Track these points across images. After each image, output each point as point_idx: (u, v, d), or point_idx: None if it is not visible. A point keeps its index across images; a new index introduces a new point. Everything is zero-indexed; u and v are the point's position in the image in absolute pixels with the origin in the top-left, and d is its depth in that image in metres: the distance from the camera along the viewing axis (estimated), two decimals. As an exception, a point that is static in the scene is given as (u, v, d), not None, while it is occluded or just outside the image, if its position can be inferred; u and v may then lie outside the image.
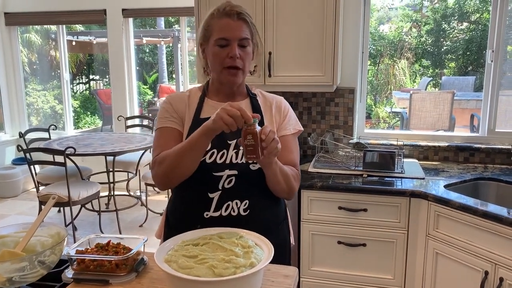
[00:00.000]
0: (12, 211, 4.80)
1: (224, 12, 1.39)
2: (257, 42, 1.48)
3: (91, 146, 4.13)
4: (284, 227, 1.59)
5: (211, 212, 1.40)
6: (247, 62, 1.43)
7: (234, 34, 1.38)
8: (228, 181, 1.40)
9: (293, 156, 1.52)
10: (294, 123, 1.56)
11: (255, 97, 1.54)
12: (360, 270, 2.36)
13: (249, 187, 1.42)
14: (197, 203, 1.42)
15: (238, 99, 1.51)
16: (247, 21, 1.41)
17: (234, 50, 1.38)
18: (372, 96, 9.61)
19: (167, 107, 1.49)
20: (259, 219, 1.43)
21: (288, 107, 1.57)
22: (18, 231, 1.30)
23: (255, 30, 1.46)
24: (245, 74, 1.45)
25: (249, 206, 1.42)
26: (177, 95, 1.54)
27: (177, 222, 1.48)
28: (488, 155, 2.73)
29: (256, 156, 1.22)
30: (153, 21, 11.17)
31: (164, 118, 1.47)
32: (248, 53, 1.43)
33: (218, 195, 1.40)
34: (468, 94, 7.01)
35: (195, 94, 1.53)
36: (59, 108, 8.18)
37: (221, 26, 1.39)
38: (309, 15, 2.48)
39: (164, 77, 11.29)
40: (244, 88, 1.54)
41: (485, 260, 1.93)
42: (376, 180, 2.39)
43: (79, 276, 1.21)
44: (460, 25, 9.49)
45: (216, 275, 1.04)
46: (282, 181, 1.41)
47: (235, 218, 1.40)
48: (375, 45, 9.64)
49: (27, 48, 8.77)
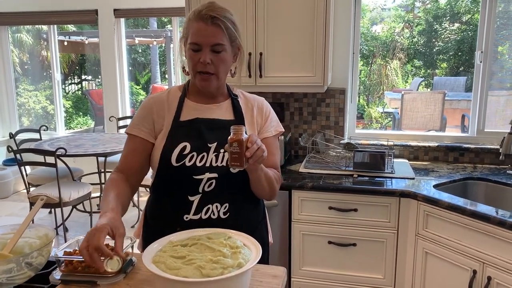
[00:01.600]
0: (2, 212, 4.76)
1: (200, 16, 1.36)
2: (238, 44, 1.45)
3: (83, 146, 4.11)
4: (263, 227, 1.59)
5: (190, 215, 1.40)
6: (221, 67, 1.40)
7: (205, 40, 1.35)
8: (208, 184, 1.39)
9: (274, 159, 1.53)
10: (275, 125, 1.56)
11: (236, 98, 1.53)
12: (351, 270, 2.37)
13: (229, 190, 1.42)
14: (177, 206, 1.41)
15: (219, 100, 1.50)
16: (222, 27, 1.37)
17: (205, 57, 1.36)
18: (364, 96, 9.65)
19: (146, 113, 1.47)
20: (239, 222, 1.43)
21: (269, 109, 1.57)
22: (5, 232, 1.29)
23: (235, 34, 1.42)
24: (220, 78, 1.43)
25: (229, 209, 1.42)
26: (157, 97, 1.51)
27: (156, 223, 1.47)
28: (477, 155, 2.75)
29: (240, 164, 1.23)
30: (146, 21, 11.14)
31: (137, 124, 1.46)
32: (222, 59, 1.39)
33: (198, 199, 1.40)
34: (459, 94, 7.06)
35: (175, 94, 1.50)
36: (51, 108, 8.13)
37: (194, 30, 1.37)
38: (299, 16, 2.49)
39: (157, 77, 11.26)
40: (224, 89, 1.53)
41: (474, 259, 1.94)
42: (366, 180, 2.41)
43: (67, 278, 1.21)
44: (451, 26, 9.56)
45: (203, 276, 1.05)
46: (266, 185, 1.42)
47: (215, 221, 1.40)
48: (368, 45, 9.68)
49: (18, 48, 8.71)
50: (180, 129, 1.42)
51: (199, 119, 1.44)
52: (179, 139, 1.41)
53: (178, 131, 1.42)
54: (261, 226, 1.58)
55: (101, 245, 1.08)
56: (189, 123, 1.43)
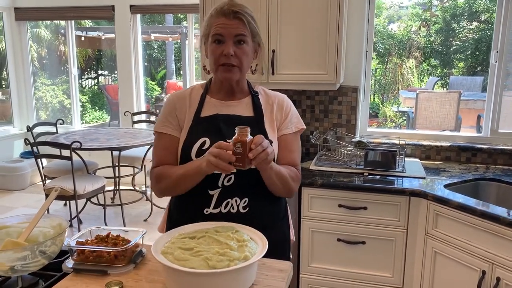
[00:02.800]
0: (19, 203, 4.87)
1: (222, 11, 1.41)
2: (260, 41, 1.48)
3: (97, 140, 4.18)
4: (284, 224, 1.60)
5: (210, 208, 1.43)
6: (244, 59, 1.43)
7: (228, 31, 1.39)
8: (227, 179, 1.42)
9: (294, 156, 1.53)
10: (296, 122, 1.56)
11: (256, 95, 1.54)
12: (359, 268, 2.38)
13: (249, 185, 1.44)
14: (197, 199, 1.44)
15: (239, 97, 1.52)
16: (244, 20, 1.41)
17: (228, 48, 1.39)
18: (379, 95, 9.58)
19: (169, 109, 1.52)
20: (258, 217, 1.45)
21: (290, 105, 1.58)
22: (21, 221, 1.34)
23: (256, 29, 1.46)
24: (242, 71, 1.45)
25: (249, 203, 1.44)
26: (179, 94, 1.56)
27: (179, 217, 1.50)
28: (490, 155, 2.73)
29: (243, 165, 1.25)
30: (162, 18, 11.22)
31: (163, 121, 1.51)
32: (245, 51, 1.42)
33: (218, 192, 1.42)
34: (475, 94, 6.96)
35: (197, 91, 1.55)
36: (68, 102, 8.25)
37: (217, 24, 1.40)
38: (313, 13, 2.49)
39: (172, 73, 11.34)
40: (245, 85, 1.55)
41: (483, 260, 1.94)
42: (377, 179, 2.41)
43: (79, 267, 1.24)
44: (469, 25, 9.43)
45: (210, 267, 1.07)
46: (279, 183, 1.43)
47: (234, 215, 1.42)
48: (384, 43, 9.60)
49: (36, 43, 8.86)
50: (200, 125, 1.46)
51: (218, 115, 1.47)
52: (199, 134, 1.44)
53: (198, 127, 1.46)
54: (283, 223, 1.59)
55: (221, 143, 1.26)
56: (209, 119, 1.47)
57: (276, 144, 1.50)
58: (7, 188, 5.27)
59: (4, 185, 5.28)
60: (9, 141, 5.66)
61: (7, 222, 1.33)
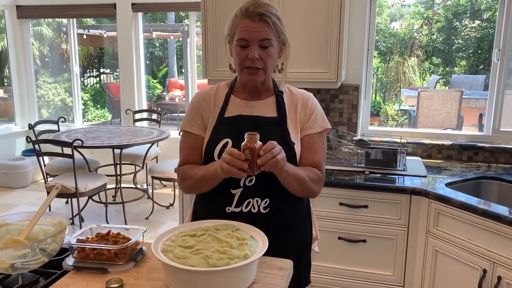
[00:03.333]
0: (21, 201, 4.88)
1: (247, 13, 1.39)
2: (284, 40, 1.47)
3: (99, 138, 4.18)
4: (307, 224, 1.59)
5: (232, 207, 1.43)
6: (269, 62, 1.42)
7: (253, 35, 1.38)
8: (249, 180, 1.42)
9: (317, 157, 1.51)
10: (320, 121, 1.53)
11: (281, 94, 1.52)
12: (360, 266, 2.38)
13: (270, 186, 1.42)
14: (220, 198, 1.45)
15: (264, 97, 1.51)
16: (269, 22, 1.39)
17: (253, 53, 1.38)
18: (381, 93, 9.57)
19: (195, 108, 1.53)
20: (279, 217, 1.45)
21: (315, 104, 1.55)
22: (22, 219, 1.34)
23: (282, 29, 1.44)
24: (267, 73, 1.45)
25: (270, 204, 1.43)
26: (204, 93, 1.56)
27: (202, 214, 1.51)
28: (492, 154, 2.72)
29: (251, 170, 1.26)
30: (164, 16, 11.23)
31: (189, 120, 1.53)
32: (270, 54, 1.41)
33: (240, 192, 1.43)
34: (477, 92, 6.95)
35: (222, 90, 1.55)
36: (69, 101, 8.26)
37: (242, 27, 1.39)
38: (314, 11, 2.49)
39: (174, 72, 11.35)
40: (270, 85, 1.53)
41: (484, 259, 1.93)
42: (378, 177, 2.40)
43: (79, 264, 1.24)
44: (472, 23, 9.40)
45: (210, 266, 1.07)
46: (297, 186, 1.42)
47: (255, 215, 1.42)
48: (386, 42, 9.58)
49: (38, 41, 8.87)
50: (223, 126, 1.46)
51: (241, 116, 1.47)
52: (221, 135, 1.45)
53: (221, 127, 1.46)
54: (305, 223, 1.58)
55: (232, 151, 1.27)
56: (232, 120, 1.47)
57: (298, 145, 1.48)
58: (9, 186, 5.29)
59: (6, 183, 5.29)
60: (11, 139, 5.67)
61: (8, 219, 1.33)
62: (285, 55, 1.51)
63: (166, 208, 4.65)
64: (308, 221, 1.60)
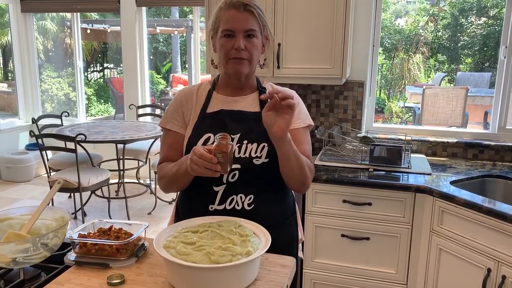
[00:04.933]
0: (25, 195, 4.89)
1: (232, 4, 1.39)
2: (268, 35, 1.47)
3: (102, 133, 4.18)
4: (292, 223, 1.57)
5: (215, 205, 1.41)
6: (254, 53, 1.41)
7: (239, 25, 1.37)
8: (232, 175, 1.40)
9: (304, 148, 1.48)
10: (304, 118, 1.52)
11: (264, 91, 1.50)
12: (363, 264, 2.37)
13: (254, 182, 1.41)
14: (202, 196, 1.43)
15: (247, 93, 1.50)
16: (254, 13, 1.39)
17: (239, 42, 1.37)
18: (385, 90, 9.52)
19: (175, 106, 1.52)
20: (264, 214, 1.41)
21: (298, 101, 1.53)
22: (24, 213, 1.33)
23: (265, 22, 1.44)
24: (252, 65, 1.43)
25: (254, 200, 1.41)
26: (186, 90, 1.55)
27: (185, 214, 1.49)
28: (497, 152, 2.70)
29: (224, 171, 1.24)
30: (168, 11, 11.20)
31: (169, 117, 1.51)
32: (255, 44, 1.41)
33: (223, 189, 1.40)
34: (482, 90, 6.90)
35: (205, 87, 1.53)
36: (73, 95, 8.27)
37: (227, 18, 1.39)
38: (319, 6, 2.47)
39: (177, 67, 11.33)
40: (253, 81, 1.53)
41: (488, 258, 1.92)
42: (382, 174, 2.39)
43: (81, 259, 1.24)
44: (478, 20, 9.33)
45: (212, 262, 1.06)
46: (296, 166, 1.37)
47: (239, 212, 1.39)
48: (391, 39, 9.53)
49: (42, 35, 8.87)
50: (205, 121, 1.45)
51: (223, 111, 1.45)
52: (203, 130, 1.43)
53: (204, 123, 1.45)
54: (290, 222, 1.55)
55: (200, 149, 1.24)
56: (214, 115, 1.45)
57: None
58: (13, 179, 5.30)
59: (10, 176, 5.31)
60: (15, 133, 5.68)
61: (10, 213, 1.33)
62: (268, 50, 1.51)
63: (169, 204, 4.65)
64: (293, 220, 1.58)
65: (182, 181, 1.42)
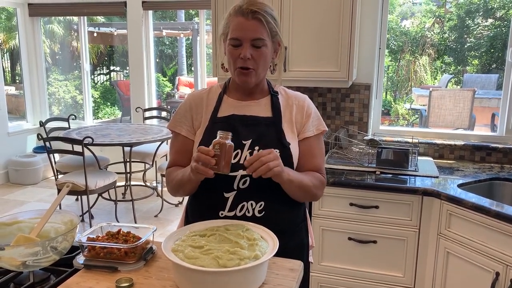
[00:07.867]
0: (32, 198, 4.93)
1: (240, 11, 1.37)
2: (280, 40, 1.45)
3: (109, 136, 4.20)
4: (302, 230, 1.56)
5: (225, 211, 1.40)
6: (261, 62, 1.39)
7: (246, 34, 1.35)
8: (242, 182, 1.39)
9: (316, 161, 1.48)
10: (317, 123, 1.51)
11: (276, 95, 1.50)
12: (370, 267, 2.36)
13: (264, 189, 1.40)
14: (213, 202, 1.42)
15: (258, 97, 1.49)
16: (263, 21, 1.36)
17: (245, 52, 1.35)
18: (392, 92, 9.49)
19: (184, 109, 1.51)
20: (275, 221, 1.40)
21: (311, 107, 1.52)
22: (33, 217, 1.34)
23: (276, 28, 1.41)
24: (258, 74, 1.42)
25: (265, 207, 1.40)
26: (196, 94, 1.54)
27: (194, 219, 1.48)
28: (505, 155, 2.68)
29: (218, 168, 1.24)
30: (174, 14, 11.24)
31: (178, 121, 1.51)
32: (263, 53, 1.38)
33: (233, 195, 1.39)
34: (489, 92, 6.86)
35: (215, 91, 1.52)
36: (80, 98, 8.33)
37: (234, 25, 1.37)
38: (325, 9, 2.47)
39: (183, 70, 11.37)
40: (265, 85, 1.51)
41: (497, 261, 1.90)
42: (389, 177, 2.38)
43: (89, 263, 1.24)
44: (484, 22, 9.28)
45: (220, 266, 1.06)
46: (301, 193, 1.41)
47: (249, 218, 1.38)
48: (397, 40, 9.50)
49: (49, 39, 8.94)
50: (216, 126, 1.42)
51: (235, 116, 1.44)
52: (214, 135, 1.42)
53: (215, 128, 1.42)
54: (300, 229, 1.54)
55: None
56: (225, 120, 1.44)
57: (294, 145, 1.45)
58: (20, 182, 5.34)
59: (17, 179, 5.35)
60: (22, 136, 5.73)
61: (19, 217, 1.34)
62: (280, 56, 1.49)
63: (175, 206, 4.66)
64: (304, 227, 1.57)
65: (186, 188, 1.42)
